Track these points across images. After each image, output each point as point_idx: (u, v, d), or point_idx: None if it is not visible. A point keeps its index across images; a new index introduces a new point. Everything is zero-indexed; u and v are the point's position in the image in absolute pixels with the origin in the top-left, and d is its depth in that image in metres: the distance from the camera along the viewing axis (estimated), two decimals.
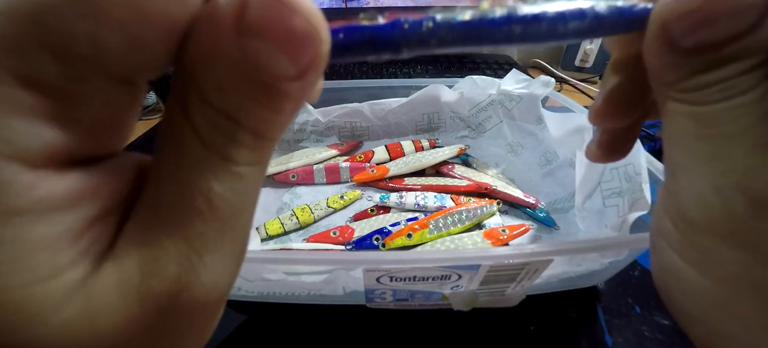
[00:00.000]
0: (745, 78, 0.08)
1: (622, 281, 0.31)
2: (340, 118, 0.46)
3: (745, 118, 0.08)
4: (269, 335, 0.28)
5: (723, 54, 0.08)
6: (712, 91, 0.08)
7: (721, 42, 0.08)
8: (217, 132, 0.07)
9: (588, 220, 0.33)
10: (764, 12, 0.07)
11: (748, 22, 0.08)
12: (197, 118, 0.06)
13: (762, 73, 0.08)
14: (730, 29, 0.08)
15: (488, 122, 0.47)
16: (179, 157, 0.07)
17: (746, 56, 0.08)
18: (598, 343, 0.27)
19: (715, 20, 0.08)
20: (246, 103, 0.07)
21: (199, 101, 0.06)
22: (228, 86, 0.06)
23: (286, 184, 0.42)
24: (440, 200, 0.37)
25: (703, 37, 0.08)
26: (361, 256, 0.25)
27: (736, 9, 0.08)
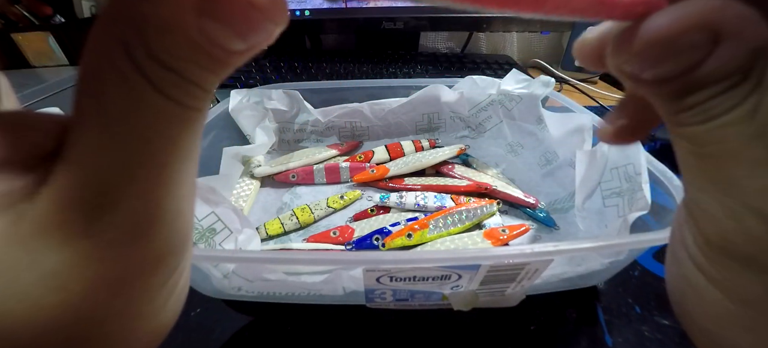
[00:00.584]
0: (723, 98, 0.08)
1: (622, 281, 0.31)
2: (340, 118, 0.46)
3: (735, 138, 0.08)
4: (269, 335, 0.28)
5: (689, 82, 0.08)
6: (694, 112, 0.08)
7: (675, 75, 0.08)
8: (166, 82, 0.07)
9: (588, 220, 0.33)
10: (692, 64, 0.07)
11: (692, 60, 0.08)
12: (146, 68, 0.07)
13: (741, 92, 0.07)
14: (674, 68, 0.08)
15: (488, 122, 0.47)
16: (130, 98, 0.07)
17: (715, 80, 0.08)
18: (598, 343, 0.27)
19: (658, 61, 0.08)
20: (194, 67, 0.07)
21: (148, 58, 0.07)
22: (181, 54, 0.07)
23: (286, 184, 0.42)
24: (440, 200, 0.37)
25: (658, 73, 0.08)
26: (361, 256, 0.25)
27: (672, 51, 0.08)
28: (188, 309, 0.29)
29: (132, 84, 0.07)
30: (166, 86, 0.07)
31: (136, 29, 0.06)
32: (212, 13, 0.07)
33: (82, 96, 0.07)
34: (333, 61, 0.67)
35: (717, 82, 0.08)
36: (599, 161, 0.33)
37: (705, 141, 0.08)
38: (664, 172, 0.28)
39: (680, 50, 0.08)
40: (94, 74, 0.07)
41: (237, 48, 0.07)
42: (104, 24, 0.07)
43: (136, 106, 0.07)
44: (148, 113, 0.07)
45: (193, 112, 0.07)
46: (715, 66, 0.07)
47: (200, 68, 0.07)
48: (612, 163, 0.32)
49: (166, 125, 0.07)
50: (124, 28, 0.06)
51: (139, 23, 0.06)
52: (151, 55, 0.07)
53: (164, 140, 0.07)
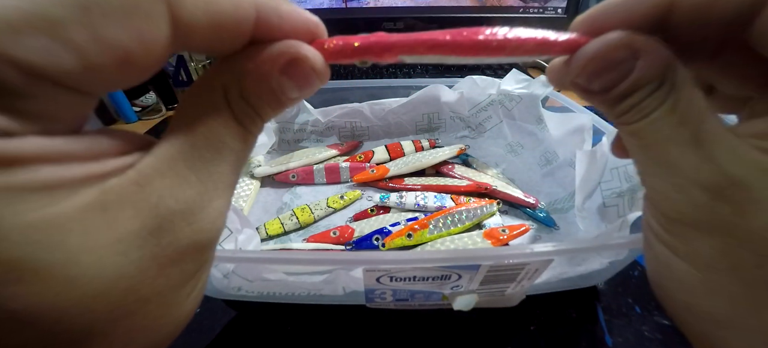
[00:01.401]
0: (650, 100, 0.10)
1: (622, 281, 0.31)
2: (340, 118, 0.46)
3: (666, 127, 0.10)
4: (269, 335, 0.28)
5: (623, 89, 0.10)
6: (632, 113, 0.11)
7: (613, 83, 0.11)
8: (244, 114, 0.10)
9: (588, 220, 0.33)
10: (626, 65, 0.10)
11: (618, 75, 0.10)
12: (235, 105, 0.10)
13: (662, 93, 0.10)
14: (609, 79, 0.11)
15: (488, 122, 0.47)
16: (216, 122, 0.10)
17: (637, 88, 0.10)
18: (598, 343, 0.27)
19: (598, 74, 0.11)
20: (265, 105, 0.10)
21: (238, 97, 0.10)
22: (262, 96, 0.10)
23: (286, 184, 0.42)
24: (440, 200, 0.37)
25: (599, 84, 0.11)
26: (361, 256, 0.25)
27: (607, 66, 0.10)
28: None
29: (220, 111, 0.10)
30: (242, 117, 0.10)
31: (236, 78, 0.10)
32: (288, 72, 0.10)
33: (178, 117, 0.10)
34: None
35: (642, 87, 0.10)
36: (599, 161, 0.33)
37: (645, 133, 0.11)
38: None
39: (613, 64, 0.10)
40: (192, 105, 0.10)
41: (294, 96, 0.11)
42: (209, 75, 0.10)
43: (218, 126, 0.10)
44: (225, 133, 0.10)
45: (251, 136, 0.11)
46: (639, 74, 0.10)
47: (267, 106, 0.10)
48: (612, 163, 0.32)
49: (233, 141, 0.10)
50: (227, 79, 0.10)
51: (240, 74, 0.10)
52: (242, 95, 0.10)
53: (229, 152, 0.10)
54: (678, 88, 0.10)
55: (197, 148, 0.09)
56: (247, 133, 0.10)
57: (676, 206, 0.10)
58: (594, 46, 0.10)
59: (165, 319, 0.10)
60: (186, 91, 0.10)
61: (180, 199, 0.09)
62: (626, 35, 0.10)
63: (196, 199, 0.09)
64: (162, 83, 0.61)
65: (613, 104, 0.11)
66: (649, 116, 0.10)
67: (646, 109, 0.10)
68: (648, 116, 0.10)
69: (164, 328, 0.10)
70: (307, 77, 0.10)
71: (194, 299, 0.11)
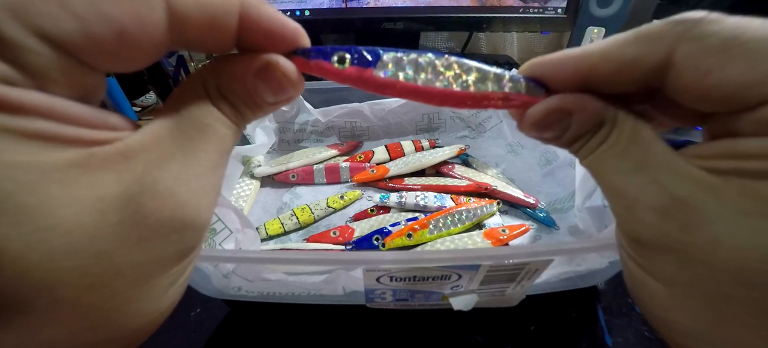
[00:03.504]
0: (594, 139, 0.12)
1: (622, 281, 0.31)
2: (340, 118, 0.46)
3: (610, 160, 0.12)
4: (269, 335, 0.28)
5: (567, 139, 0.12)
6: (584, 151, 0.12)
7: (558, 136, 0.13)
8: (223, 105, 0.11)
9: (588, 220, 0.33)
10: (565, 120, 0.12)
11: (560, 129, 0.12)
12: (213, 96, 0.11)
13: (604, 133, 0.12)
14: (555, 132, 0.13)
15: (488, 122, 0.47)
16: (198, 106, 0.10)
17: (580, 135, 0.12)
18: (598, 343, 0.27)
19: (544, 129, 0.13)
20: (242, 104, 0.11)
21: (216, 90, 0.11)
22: (238, 94, 0.11)
23: (286, 184, 0.42)
24: (440, 200, 0.37)
25: (548, 136, 0.13)
26: (361, 256, 0.25)
27: (548, 122, 0.13)
28: (188, 309, 0.29)
29: (201, 99, 0.11)
30: (220, 106, 0.11)
31: (216, 76, 0.11)
32: (262, 77, 0.11)
33: (166, 105, 0.11)
34: (319, 76, 0.67)
35: (583, 134, 0.12)
36: None
37: (597, 166, 0.12)
38: None
39: (553, 122, 0.12)
40: (178, 95, 0.11)
41: (269, 100, 0.12)
42: (194, 74, 0.11)
43: (200, 109, 0.11)
44: (210, 116, 0.11)
45: (232, 127, 0.11)
46: (575, 128, 0.12)
47: (244, 105, 0.11)
48: None
49: (218, 124, 0.11)
50: (207, 75, 0.11)
51: (218, 72, 0.11)
52: (220, 90, 0.11)
53: (213, 133, 0.11)
54: (618, 125, 0.12)
55: (182, 128, 0.10)
56: (229, 121, 0.11)
57: (632, 228, 0.11)
58: (535, 110, 0.13)
59: (136, 307, 0.10)
60: (175, 86, 0.11)
61: (164, 168, 0.09)
62: (559, 99, 0.12)
63: (181, 172, 0.10)
64: (162, 83, 0.61)
65: (566, 146, 0.13)
66: (594, 152, 0.12)
67: (592, 147, 0.12)
68: (594, 152, 0.12)
69: (134, 320, 0.10)
70: (280, 83, 0.11)
71: (171, 297, 0.11)
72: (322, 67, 0.12)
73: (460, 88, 0.12)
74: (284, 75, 0.11)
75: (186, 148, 0.10)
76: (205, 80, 0.11)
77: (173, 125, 0.10)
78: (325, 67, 0.12)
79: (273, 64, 0.11)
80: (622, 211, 0.11)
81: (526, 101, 0.13)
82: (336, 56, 0.12)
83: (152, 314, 0.10)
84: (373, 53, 0.12)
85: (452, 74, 0.12)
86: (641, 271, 0.12)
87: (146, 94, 0.65)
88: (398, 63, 0.12)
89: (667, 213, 0.10)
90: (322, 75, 0.12)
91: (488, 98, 0.12)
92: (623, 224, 0.12)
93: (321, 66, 0.12)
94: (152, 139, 0.10)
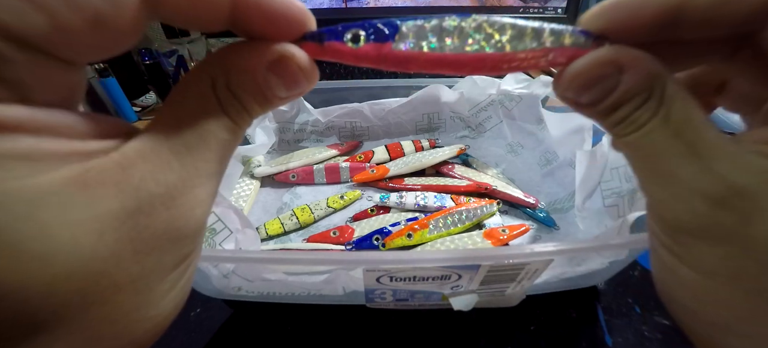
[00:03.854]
0: (641, 112, 0.10)
1: (622, 281, 0.31)
2: (340, 118, 0.46)
3: (660, 140, 0.10)
4: (269, 335, 0.28)
5: (610, 103, 0.11)
6: (624, 125, 0.11)
7: (600, 97, 0.11)
8: (230, 106, 0.10)
9: (588, 220, 0.33)
10: (614, 78, 0.10)
11: (604, 90, 0.10)
12: (221, 95, 0.10)
13: (653, 105, 0.10)
14: (597, 93, 0.11)
15: (488, 122, 0.47)
16: (202, 110, 0.10)
17: (627, 100, 0.10)
18: (598, 343, 0.27)
19: (589, 87, 0.11)
20: (252, 100, 0.10)
21: (225, 87, 0.10)
22: (248, 90, 0.10)
23: (286, 184, 0.42)
24: (440, 200, 0.37)
25: (587, 98, 0.11)
26: (361, 256, 0.25)
27: (595, 79, 0.11)
28: (188, 309, 0.29)
29: (207, 100, 0.10)
30: (228, 107, 0.10)
31: (223, 70, 0.10)
32: (274, 70, 0.10)
33: (166, 105, 0.10)
34: (333, 61, 0.67)
35: (629, 100, 0.10)
36: (599, 161, 0.33)
37: (640, 145, 0.11)
38: None
39: (599, 80, 0.10)
40: (180, 93, 0.10)
41: (281, 95, 0.11)
42: (198, 68, 0.10)
43: (204, 114, 0.10)
44: (211, 122, 0.10)
45: (238, 128, 0.10)
46: (624, 88, 0.10)
47: (254, 102, 0.10)
48: (612, 163, 0.32)
49: (219, 131, 0.10)
50: (215, 70, 0.10)
51: (227, 66, 0.10)
52: (228, 86, 0.10)
53: (214, 141, 0.10)
54: (669, 100, 0.10)
55: (182, 135, 0.09)
56: (233, 125, 0.10)
57: (676, 215, 0.10)
58: (580, 63, 0.11)
59: (140, 314, 0.09)
60: (176, 83, 0.10)
61: (161, 182, 0.09)
62: (613, 51, 0.10)
63: (178, 184, 0.09)
64: (162, 83, 0.61)
65: (603, 117, 0.11)
66: (641, 128, 0.10)
67: (638, 121, 0.10)
68: (641, 128, 0.10)
69: (139, 325, 0.10)
70: (294, 76, 0.10)
71: (174, 300, 0.10)
72: (335, 49, 0.11)
73: (493, 50, 0.11)
74: (300, 68, 0.10)
75: (183, 157, 0.09)
76: (212, 76, 0.10)
77: (172, 131, 0.09)
78: (340, 49, 0.11)
79: (288, 56, 0.10)
80: (668, 197, 0.10)
81: (573, 55, 0.11)
82: (349, 34, 0.11)
83: (156, 318, 0.10)
84: (390, 25, 0.11)
85: (482, 36, 0.11)
86: (675, 260, 0.11)
87: (146, 94, 0.65)
88: (419, 32, 0.11)
89: (723, 203, 0.09)
90: (337, 59, 0.11)
91: (527, 58, 0.11)
92: (666, 211, 0.11)
93: (334, 48, 0.11)
94: (149, 147, 0.09)
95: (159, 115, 0.10)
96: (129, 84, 0.59)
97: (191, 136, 0.09)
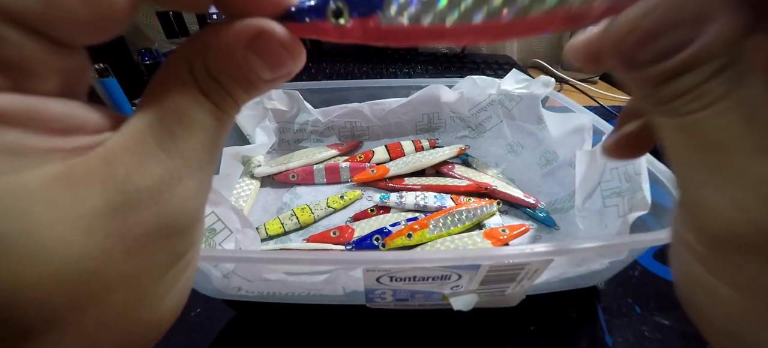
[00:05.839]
0: (714, 83, 0.08)
1: (622, 281, 0.31)
2: (340, 118, 0.46)
3: (733, 125, 0.08)
4: (269, 335, 0.28)
5: (679, 61, 0.08)
6: (688, 99, 0.08)
7: (670, 51, 0.08)
8: (212, 90, 0.09)
9: (588, 220, 0.33)
10: (693, 28, 0.08)
11: (675, 42, 0.08)
12: (201, 79, 0.09)
13: (728, 79, 0.08)
14: (665, 45, 0.08)
15: (488, 122, 0.47)
16: (183, 97, 0.09)
17: (702, 62, 0.08)
18: (598, 343, 0.27)
19: (657, 35, 0.08)
20: (235, 84, 0.10)
21: (204, 72, 0.09)
22: (229, 73, 0.09)
23: (286, 184, 0.42)
24: (440, 200, 0.37)
25: (649, 53, 0.08)
26: (361, 256, 0.25)
27: (668, 24, 0.08)
28: (188, 309, 0.29)
29: (187, 86, 0.09)
30: (210, 91, 0.09)
31: (200, 53, 0.09)
32: (255, 49, 0.09)
33: (147, 95, 0.09)
34: (333, 61, 0.67)
35: (704, 63, 0.08)
36: (599, 161, 0.33)
37: (705, 130, 0.08)
38: (664, 172, 0.28)
39: (674, 25, 0.08)
40: (160, 81, 0.09)
41: (265, 77, 0.10)
42: (176, 53, 0.09)
43: (186, 100, 0.09)
44: (194, 108, 0.09)
45: (223, 114, 0.10)
46: (701, 44, 0.08)
47: (237, 85, 0.10)
48: (612, 163, 0.32)
49: (204, 116, 0.09)
50: (191, 53, 0.09)
51: (203, 49, 0.09)
52: (207, 69, 0.09)
53: (199, 128, 0.09)
54: (748, 76, 0.08)
55: (166, 124, 0.09)
56: (218, 111, 0.10)
57: (730, 225, 0.08)
58: (649, 4, 0.08)
59: (136, 316, 0.09)
60: (157, 70, 0.10)
61: (147, 175, 0.08)
62: None
63: (164, 176, 0.09)
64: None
65: (660, 84, 0.09)
66: (711, 107, 0.08)
67: (708, 97, 0.08)
68: (710, 107, 0.08)
69: (136, 327, 0.09)
70: (277, 54, 0.10)
71: (173, 301, 0.10)
72: (318, 27, 0.10)
73: (513, 15, 0.09)
74: (282, 44, 0.09)
75: (169, 147, 0.09)
76: (189, 60, 0.09)
77: (155, 119, 0.09)
78: (322, 27, 0.10)
79: (267, 32, 0.09)
80: (728, 201, 0.08)
81: (608, 9, 0.09)
82: (330, 13, 0.09)
83: (154, 321, 0.10)
84: None
85: None
86: (711, 277, 0.09)
87: None
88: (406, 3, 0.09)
89: None
90: (320, 37, 0.10)
91: (551, 21, 0.09)
92: (716, 218, 0.09)
93: (316, 27, 0.10)
94: (133, 138, 0.09)
95: (142, 103, 0.09)
96: (129, 84, 0.59)
97: (175, 124, 0.09)
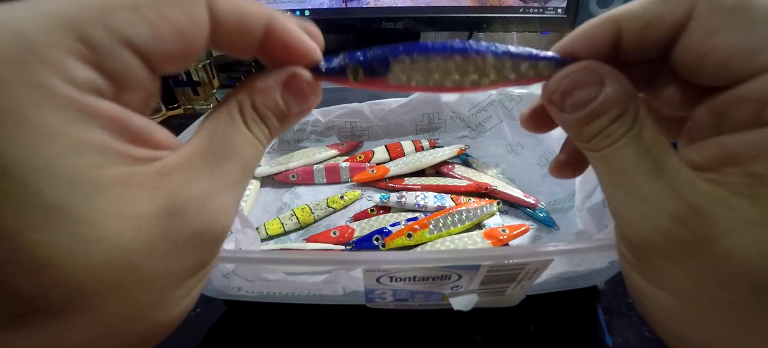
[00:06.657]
0: (616, 126, 0.11)
1: (622, 281, 0.31)
2: (340, 118, 0.46)
3: (632, 155, 0.11)
4: (269, 335, 0.28)
5: (592, 109, 0.11)
6: (600, 138, 0.11)
7: (582, 103, 0.12)
8: (253, 123, 0.12)
9: (588, 220, 0.33)
10: (596, 88, 0.11)
11: (587, 96, 0.11)
12: (246, 113, 0.12)
13: (627, 122, 0.11)
14: (580, 97, 0.12)
15: (488, 122, 0.47)
16: (230, 128, 0.11)
17: (604, 111, 0.11)
18: (598, 343, 0.27)
19: (570, 92, 0.12)
20: (272, 116, 0.12)
21: (250, 107, 0.12)
22: (269, 106, 0.12)
23: (286, 184, 0.42)
24: (440, 200, 0.37)
25: (571, 102, 0.12)
26: (361, 256, 0.25)
27: (576, 85, 0.12)
28: None
29: (234, 119, 0.11)
30: (251, 124, 0.12)
31: (248, 92, 0.12)
32: (288, 87, 0.12)
33: (201, 126, 0.11)
34: None
35: (609, 110, 0.11)
36: None
37: (613, 160, 0.11)
38: None
39: (583, 84, 0.12)
40: (213, 117, 0.12)
41: (295, 110, 0.13)
42: (229, 95, 0.12)
43: (231, 130, 0.11)
44: (237, 137, 0.11)
45: (259, 145, 0.12)
46: (605, 97, 0.11)
47: (274, 117, 0.12)
48: None
49: (243, 145, 0.11)
50: (240, 93, 0.12)
51: (251, 89, 0.12)
52: (253, 105, 0.12)
53: (238, 154, 0.11)
54: (641, 119, 0.11)
55: (212, 148, 0.11)
56: (255, 140, 0.12)
57: (642, 233, 0.11)
58: (569, 68, 0.12)
59: (152, 315, 0.10)
60: (212, 107, 0.13)
61: (193, 188, 0.10)
62: (596, 63, 0.12)
63: (207, 190, 0.10)
64: (165, 87, 0.61)
65: (582, 125, 0.12)
66: (616, 143, 0.11)
67: (613, 135, 0.11)
68: (615, 143, 0.11)
69: (148, 326, 0.10)
70: (303, 91, 0.12)
71: (183, 306, 0.11)
72: (337, 80, 0.13)
73: (471, 85, 0.13)
74: (306, 83, 0.12)
75: (213, 168, 0.11)
76: (239, 99, 0.12)
77: (204, 145, 0.11)
78: (340, 80, 0.13)
79: (298, 74, 0.12)
80: (634, 214, 0.11)
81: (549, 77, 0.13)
82: (349, 73, 0.13)
83: (163, 323, 0.11)
84: (383, 63, 0.13)
85: (466, 77, 0.13)
86: (644, 281, 0.11)
87: None
88: (408, 71, 0.13)
89: (684, 221, 0.10)
90: (338, 84, 0.13)
91: (505, 84, 0.13)
92: (632, 229, 0.11)
93: (336, 80, 0.13)
94: (186, 159, 0.10)
95: (197, 133, 0.11)
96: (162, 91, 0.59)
97: (220, 149, 0.11)
